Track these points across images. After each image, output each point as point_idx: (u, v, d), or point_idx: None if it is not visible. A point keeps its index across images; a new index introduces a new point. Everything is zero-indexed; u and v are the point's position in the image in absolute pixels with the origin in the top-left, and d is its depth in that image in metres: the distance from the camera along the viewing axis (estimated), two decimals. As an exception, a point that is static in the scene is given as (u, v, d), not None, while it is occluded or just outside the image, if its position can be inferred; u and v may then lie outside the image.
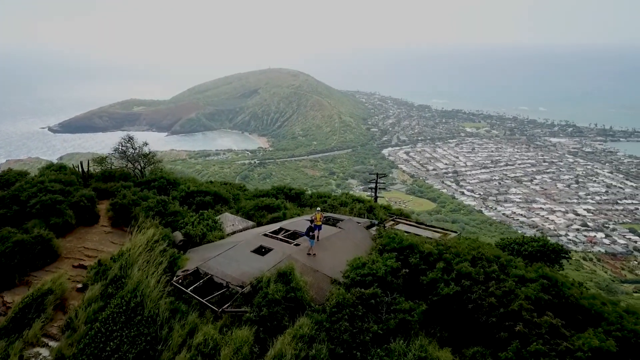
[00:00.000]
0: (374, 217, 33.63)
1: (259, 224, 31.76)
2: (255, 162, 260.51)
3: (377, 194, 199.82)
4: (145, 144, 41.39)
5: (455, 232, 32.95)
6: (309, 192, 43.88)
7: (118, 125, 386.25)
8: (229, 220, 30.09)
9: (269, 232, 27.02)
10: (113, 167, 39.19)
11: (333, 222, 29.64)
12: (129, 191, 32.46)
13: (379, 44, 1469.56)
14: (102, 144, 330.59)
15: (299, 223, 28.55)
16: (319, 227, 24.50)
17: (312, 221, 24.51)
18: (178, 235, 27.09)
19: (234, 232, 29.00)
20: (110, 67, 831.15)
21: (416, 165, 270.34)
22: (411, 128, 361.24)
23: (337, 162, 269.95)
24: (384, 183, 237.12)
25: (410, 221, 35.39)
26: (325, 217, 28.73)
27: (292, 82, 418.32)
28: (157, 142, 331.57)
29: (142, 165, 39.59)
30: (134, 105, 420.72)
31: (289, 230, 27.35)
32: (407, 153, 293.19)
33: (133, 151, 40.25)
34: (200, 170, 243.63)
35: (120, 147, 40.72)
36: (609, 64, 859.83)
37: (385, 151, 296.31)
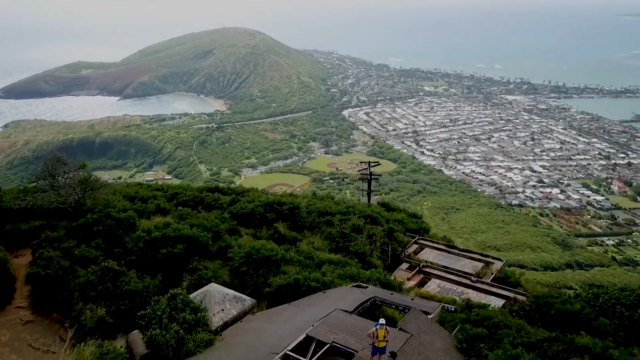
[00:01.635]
0: (396, 243, 26.37)
1: (259, 294, 20.72)
2: (213, 126, 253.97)
3: (338, 155, 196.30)
4: (83, 165, 27.43)
5: (500, 259, 26.08)
6: (305, 201, 32.65)
7: (66, 90, 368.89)
8: (216, 301, 18.94)
9: (290, 352, 14.82)
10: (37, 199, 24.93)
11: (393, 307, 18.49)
12: (58, 250, 21.07)
13: (335, 1, 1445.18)
14: (53, 109, 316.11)
15: (334, 319, 16.35)
16: (383, 350, 14.33)
17: (371, 338, 14.40)
18: (139, 343, 16.75)
19: (225, 325, 18.39)
20: (53, 26, 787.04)
21: (376, 126, 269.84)
22: (370, 88, 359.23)
23: (297, 125, 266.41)
24: (343, 145, 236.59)
25: (437, 243, 28.55)
26: (370, 303, 18.17)
27: (249, 42, 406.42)
28: (109, 107, 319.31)
29: (80, 196, 25.00)
30: (82, 69, 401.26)
31: (325, 344, 15.07)
32: (367, 114, 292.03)
33: (65, 179, 25.54)
34: (156, 136, 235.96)
35: (48, 173, 26.06)
36: (562, 21, 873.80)
37: (345, 112, 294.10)
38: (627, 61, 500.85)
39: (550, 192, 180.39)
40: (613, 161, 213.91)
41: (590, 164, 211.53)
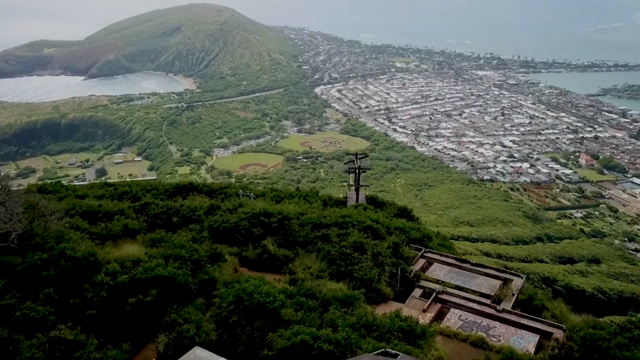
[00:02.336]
0: (402, 261, 23.22)
1: (255, 356, 16.55)
2: (182, 105, 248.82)
3: (312, 134, 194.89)
4: (29, 190, 24.02)
5: (519, 275, 23.31)
6: (293, 208, 27.83)
7: (28, 70, 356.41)
8: None
9: None
10: None
11: None
12: None
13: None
14: (15, 90, 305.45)
15: None
16: None
17: None
18: None
19: None
20: (10, 2, 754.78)
21: (349, 103, 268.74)
22: (342, 65, 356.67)
23: (269, 103, 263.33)
24: (316, 123, 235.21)
25: (446, 256, 25.22)
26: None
27: (217, 18, 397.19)
28: (74, 87, 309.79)
29: (26, 226, 18.97)
30: (44, 47, 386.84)
31: None
32: (339, 91, 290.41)
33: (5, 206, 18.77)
34: (124, 116, 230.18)
35: None
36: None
37: (317, 90, 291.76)
38: (594, 36, 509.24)
39: (521, 166, 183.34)
40: (580, 135, 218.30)
41: (558, 138, 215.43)
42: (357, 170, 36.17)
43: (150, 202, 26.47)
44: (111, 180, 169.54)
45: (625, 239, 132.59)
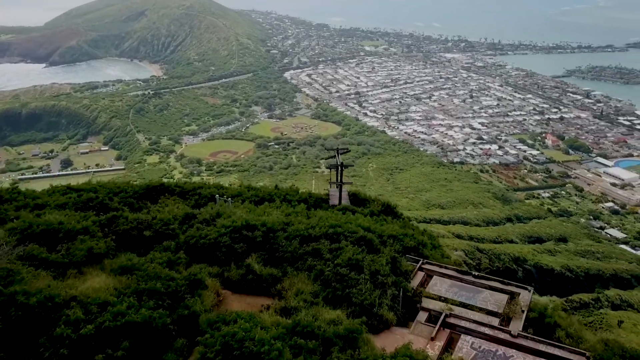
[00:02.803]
0: (402, 278, 21.41)
1: None
2: (149, 92, 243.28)
3: (282, 119, 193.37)
4: None
5: (526, 287, 22.06)
6: (277, 217, 25.39)
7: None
8: None
9: None
10: None
11: None
12: None
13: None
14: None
15: None
16: None
17: None
18: None
19: None
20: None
21: (319, 88, 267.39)
22: (311, 49, 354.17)
23: (238, 89, 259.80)
24: (287, 108, 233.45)
25: (446, 267, 23.43)
26: None
27: (183, 2, 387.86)
28: (35, 75, 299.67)
29: None
30: (1, 34, 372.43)
31: None
32: (309, 75, 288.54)
33: None
34: (89, 105, 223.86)
35: None
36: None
37: (287, 74, 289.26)
38: (559, 17, 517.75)
39: (489, 148, 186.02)
40: (547, 116, 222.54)
41: (525, 120, 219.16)
42: (339, 168, 32.73)
43: (118, 216, 23.42)
44: (77, 171, 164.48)
45: (591, 217, 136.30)
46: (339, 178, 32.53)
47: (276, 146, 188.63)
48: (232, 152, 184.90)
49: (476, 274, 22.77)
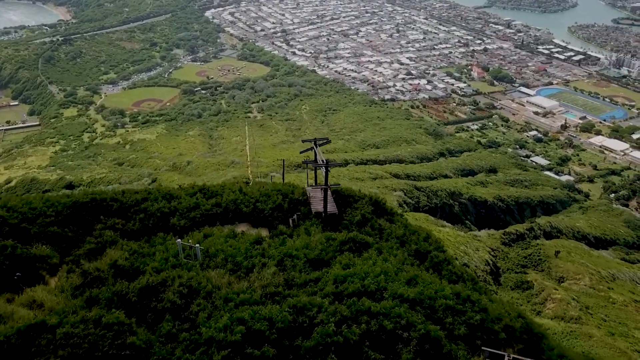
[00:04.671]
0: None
1: None
2: (58, 39, 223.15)
3: (207, 62, 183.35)
4: None
5: None
6: (284, 319, 15.74)
7: None
8: None
9: None
10: None
11: None
12: None
13: None
14: None
15: None
16: None
17: None
18: None
19: None
20: None
21: (243, 27, 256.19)
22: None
23: (157, 31, 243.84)
24: (211, 50, 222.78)
25: None
26: None
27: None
28: None
29: None
30: None
31: None
32: (232, 14, 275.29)
33: None
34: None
35: None
36: None
37: (208, 13, 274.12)
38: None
39: (419, 83, 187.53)
40: (471, 48, 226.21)
41: (451, 52, 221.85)
42: (325, 168, 24.57)
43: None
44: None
45: (517, 146, 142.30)
46: (326, 181, 24.60)
47: (203, 91, 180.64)
48: (156, 100, 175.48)
49: None
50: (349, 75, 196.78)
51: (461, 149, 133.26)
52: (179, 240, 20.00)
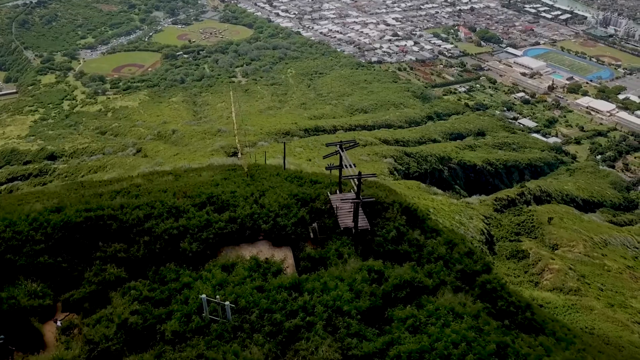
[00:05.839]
0: None
1: None
2: (31, 2, 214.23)
3: (188, 25, 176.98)
4: None
5: None
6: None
7: None
8: None
9: None
10: None
11: None
12: None
13: None
14: None
15: None
16: None
17: None
18: None
19: None
20: None
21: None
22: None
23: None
24: (192, 12, 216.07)
25: None
26: None
27: None
28: None
29: None
30: None
31: None
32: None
33: None
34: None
35: None
36: None
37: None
38: None
39: (405, 45, 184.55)
40: (458, 7, 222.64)
41: (438, 12, 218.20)
42: (357, 181, 20.94)
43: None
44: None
45: (505, 108, 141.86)
46: (358, 194, 20.89)
47: (185, 55, 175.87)
48: (137, 65, 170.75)
49: None
50: (335, 37, 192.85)
51: (449, 112, 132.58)
52: (204, 296, 16.28)
